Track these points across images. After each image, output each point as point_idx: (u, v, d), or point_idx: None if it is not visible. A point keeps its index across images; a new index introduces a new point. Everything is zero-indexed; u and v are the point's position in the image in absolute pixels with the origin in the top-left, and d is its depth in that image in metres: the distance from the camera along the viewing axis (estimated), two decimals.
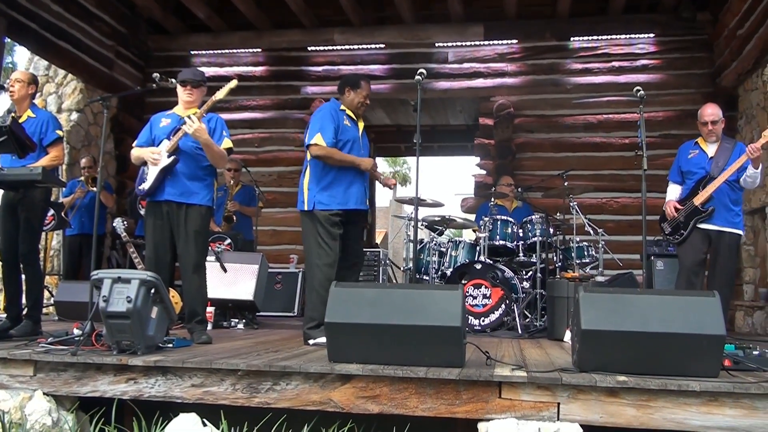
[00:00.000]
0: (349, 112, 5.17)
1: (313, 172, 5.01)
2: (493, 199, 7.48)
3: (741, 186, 5.60)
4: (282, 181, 10.21)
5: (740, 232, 5.66)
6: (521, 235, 7.04)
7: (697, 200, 5.57)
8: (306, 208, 4.97)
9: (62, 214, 7.67)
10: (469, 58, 10.03)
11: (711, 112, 5.68)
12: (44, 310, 6.02)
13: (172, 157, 4.82)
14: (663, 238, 6.14)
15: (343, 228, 5.01)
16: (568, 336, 5.26)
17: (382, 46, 10.20)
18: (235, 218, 7.67)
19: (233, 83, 4.93)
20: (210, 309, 5.86)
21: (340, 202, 4.94)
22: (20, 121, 4.93)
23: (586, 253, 6.87)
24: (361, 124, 5.27)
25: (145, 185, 4.87)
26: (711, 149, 5.71)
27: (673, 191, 5.96)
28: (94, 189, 7.84)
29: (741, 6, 8.07)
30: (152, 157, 4.82)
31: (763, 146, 5.25)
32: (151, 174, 4.85)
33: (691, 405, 3.14)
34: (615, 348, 3.31)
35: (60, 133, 5.11)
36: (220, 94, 4.86)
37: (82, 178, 8.14)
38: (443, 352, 3.45)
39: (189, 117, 4.75)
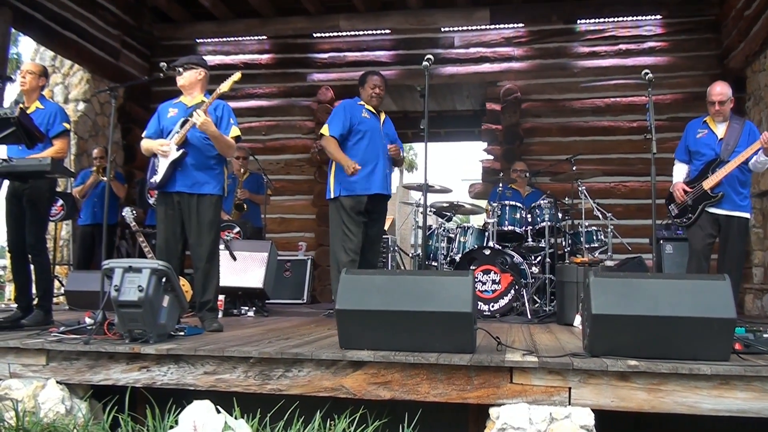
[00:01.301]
0: (368, 106, 5.59)
1: (337, 163, 5.27)
2: (502, 185, 7.47)
3: (750, 168, 5.56)
4: (290, 168, 10.22)
5: (748, 215, 5.63)
6: (530, 220, 7.03)
7: (707, 184, 5.54)
8: (332, 196, 5.26)
9: (73, 201, 7.71)
10: (475, 43, 9.99)
11: (719, 91, 5.61)
12: (54, 300, 6.06)
13: (181, 150, 4.83)
14: (670, 221, 6.11)
15: (367, 216, 5.30)
16: (578, 321, 5.27)
17: (388, 31, 10.16)
18: (246, 206, 7.70)
19: (237, 75, 4.95)
20: (220, 297, 5.89)
21: (363, 188, 5.24)
22: (29, 111, 4.95)
23: (595, 237, 6.86)
24: (382, 116, 5.57)
25: (157, 178, 4.89)
26: (720, 129, 5.65)
27: (680, 171, 5.91)
28: (104, 178, 7.87)
29: None
30: (162, 150, 4.84)
31: None
32: (162, 166, 4.87)
33: (702, 388, 3.15)
34: (625, 332, 3.31)
35: (67, 125, 5.13)
36: (224, 87, 4.88)
37: (94, 168, 8.16)
38: (454, 338, 3.46)
39: (195, 110, 4.76)
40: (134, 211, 7.31)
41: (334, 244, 5.38)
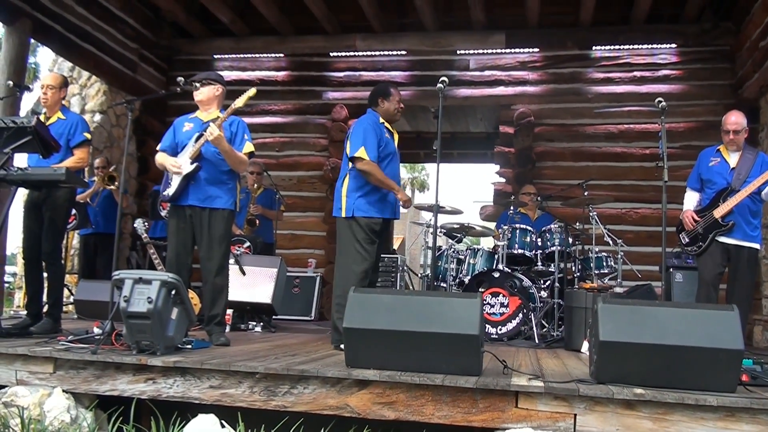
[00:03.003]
0: (387, 125, 5.26)
1: (353, 180, 5.10)
2: (512, 208, 7.48)
3: (762, 198, 5.55)
4: (302, 185, 10.25)
5: (759, 246, 5.61)
6: (540, 244, 7.03)
7: (718, 213, 5.53)
8: (344, 215, 5.07)
9: (85, 210, 7.76)
10: (490, 66, 10.03)
11: (734, 120, 5.61)
12: (63, 309, 6.08)
13: (195, 164, 4.88)
14: (681, 249, 6.09)
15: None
16: (585, 347, 5.25)
17: (404, 52, 10.21)
18: (258, 222, 7.71)
19: (252, 92, 4.99)
20: (228, 311, 5.90)
21: (377, 210, 5.09)
22: (50, 122, 5.06)
23: (605, 263, 6.85)
24: (396, 136, 5.39)
25: (170, 191, 4.93)
26: (733, 159, 5.64)
27: (691, 198, 5.91)
28: (109, 187, 7.92)
29: (763, 17, 8.01)
30: (174, 170, 4.89)
31: None
32: (175, 180, 4.91)
33: (708, 420, 3.13)
34: (632, 360, 3.30)
35: (88, 135, 5.19)
36: (239, 102, 4.92)
37: (95, 178, 8.18)
38: (460, 360, 3.46)
39: (210, 125, 4.79)
40: (146, 223, 7.34)
41: (346, 263, 5.18)
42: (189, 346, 4.26)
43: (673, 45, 9.51)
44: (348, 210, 5.07)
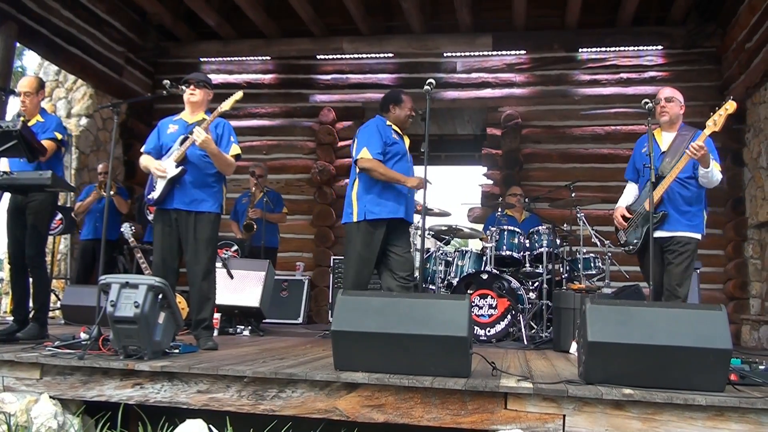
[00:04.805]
0: (395, 127, 5.33)
1: (362, 184, 5.15)
2: (500, 210, 7.48)
3: (698, 183, 4.98)
4: (289, 188, 10.23)
5: (695, 235, 5.02)
6: (528, 245, 7.03)
7: (648, 204, 4.85)
8: (355, 219, 5.09)
9: (72, 215, 7.71)
10: (477, 68, 10.06)
11: (667, 90, 5.22)
12: (51, 314, 6.04)
13: (180, 168, 4.85)
14: (621, 248, 5.44)
15: (389, 239, 5.22)
16: (574, 348, 5.25)
17: (391, 55, 10.24)
18: (255, 226, 7.63)
19: (239, 95, 4.98)
20: (216, 315, 5.87)
21: (390, 211, 5.10)
22: (29, 125, 4.97)
23: (592, 264, 6.85)
24: (407, 140, 5.41)
25: (154, 194, 4.90)
26: (666, 141, 5.12)
27: (629, 192, 5.42)
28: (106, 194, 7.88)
29: (749, 19, 8.07)
30: (158, 174, 4.85)
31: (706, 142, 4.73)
32: (160, 183, 4.88)
33: (697, 419, 3.13)
34: (621, 360, 3.30)
35: (59, 135, 5.04)
36: (225, 105, 4.91)
37: (97, 184, 8.15)
38: (449, 362, 3.45)
39: (196, 128, 4.77)
40: (133, 227, 7.30)
41: (346, 269, 5.24)
42: (176, 351, 4.23)
43: (660, 47, 9.56)
44: (360, 214, 5.11)
